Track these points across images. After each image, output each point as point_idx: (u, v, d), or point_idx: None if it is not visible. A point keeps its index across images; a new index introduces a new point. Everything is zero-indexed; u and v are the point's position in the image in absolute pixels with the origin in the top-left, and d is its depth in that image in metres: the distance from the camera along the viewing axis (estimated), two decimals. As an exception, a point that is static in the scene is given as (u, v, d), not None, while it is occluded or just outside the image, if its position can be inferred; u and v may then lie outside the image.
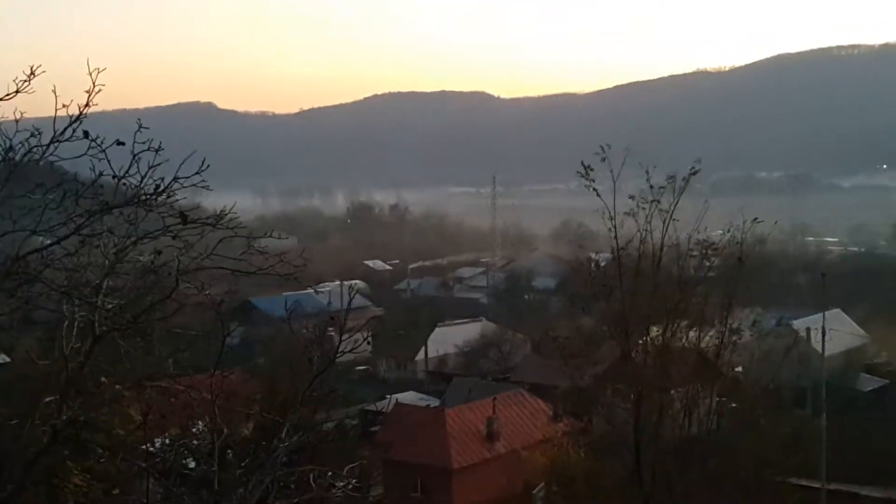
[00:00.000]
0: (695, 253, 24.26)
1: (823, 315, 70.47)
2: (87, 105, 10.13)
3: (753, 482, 25.37)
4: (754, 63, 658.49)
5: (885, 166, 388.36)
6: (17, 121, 10.27)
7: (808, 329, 66.11)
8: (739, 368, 30.35)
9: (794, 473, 40.20)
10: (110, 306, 10.94)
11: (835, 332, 71.50)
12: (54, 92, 10.22)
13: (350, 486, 12.19)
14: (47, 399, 10.95)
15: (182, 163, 10.73)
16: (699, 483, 23.74)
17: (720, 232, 24.99)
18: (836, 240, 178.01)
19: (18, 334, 12.86)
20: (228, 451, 11.94)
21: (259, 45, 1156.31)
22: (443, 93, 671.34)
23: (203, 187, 10.98)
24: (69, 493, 11.29)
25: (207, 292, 11.47)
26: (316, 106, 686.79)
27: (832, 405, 57.59)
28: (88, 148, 10.27)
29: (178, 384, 12.06)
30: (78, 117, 10.18)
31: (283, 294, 61.46)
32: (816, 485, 49.08)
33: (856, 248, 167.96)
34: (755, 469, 25.46)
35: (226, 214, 11.40)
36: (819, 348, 62.59)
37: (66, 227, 10.50)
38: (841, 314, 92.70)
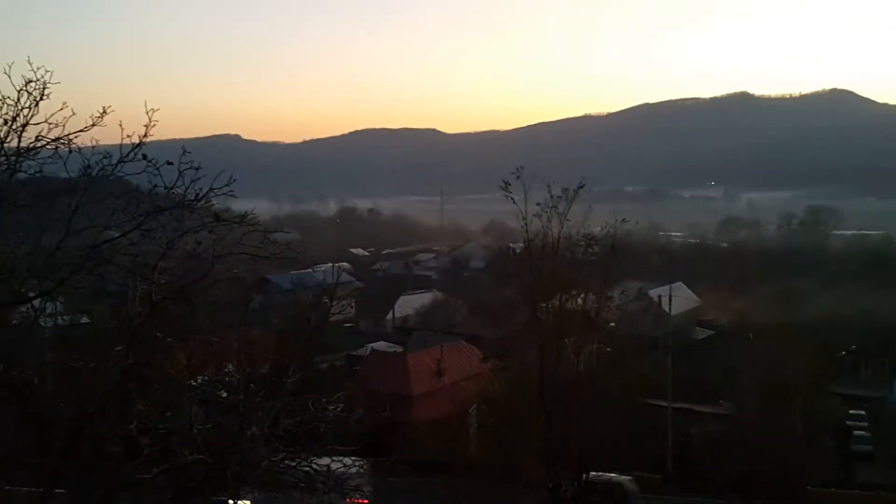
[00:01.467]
0: (582, 243, 24.26)
1: (670, 287, 71.11)
2: (145, 135, 10.10)
3: (623, 403, 25.43)
4: (625, 109, 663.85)
5: (713, 183, 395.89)
6: (93, 147, 10.17)
7: (659, 296, 66.61)
8: (612, 324, 30.47)
9: (650, 396, 40.58)
10: (163, 281, 10.82)
11: (677, 299, 72.20)
12: (121, 125, 10.14)
13: (338, 409, 12.08)
14: (118, 348, 10.78)
15: (215, 178, 10.64)
16: (586, 404, 23.74)
17: (599, 228, 24.98)
18: (680, 234, 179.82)
19: (96, 302, 12.52)
20: (250, 384, 11.72)
21: (273, 89, 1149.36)
22: (405, 129, 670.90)
23: (231, 195, 10.90)
24: (135, 416, 11.04)
25: (235, 271, 11.37)
26: (315, 137, 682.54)
27: (676, 349, 58.15)
28: (146, 167, 10.22)
29: (213, 338, 11.95)
30: (138, 144, 10.13)
31: (291, 272, 60.77)
32: (665, 403, 49.54)
33: (693, 240, 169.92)
34: (624, 393, 25.51)
35: (248, 215, 11.37)
36: (667, 310, 63.11)
37: (130, 224, 10.44)
38: (682, 286, 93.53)
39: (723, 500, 26.45)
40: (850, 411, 62.85)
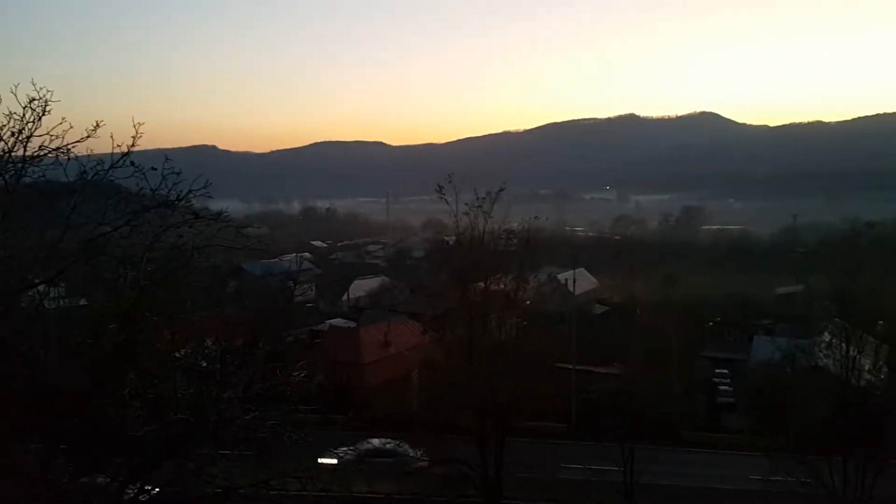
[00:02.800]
0: (502, 236, 24.32)
1: (574, 272, 72.05)
2: (132, 145, 9.84)
3: (537, 366, 25.56)
4: (537, 127, 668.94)
5: (608, 187, 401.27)
6: (88, 155, 9.89)
7: (565, 279, 67.45)
8: (528, 302, 30.66)
9: (558, 360, 40.99)
10: (150, 269, 10.57)
11: (580, 281, 73.21)
12: (112, 137, 9.86)
13: (301, 376, 11.93)
14: (111, 326, 10.48)
15: (194, 181, 10.41)
16: (507, 367, 23.81)
17: (517, 224, 25.08)
18: (582, 229, 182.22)
19: (92, 287, 12.08)
20: (226, 356, 11.47)
21: (245, 105, 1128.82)
22: (357, 141, 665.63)
23: (207, 196, 10.67)
24: (127, 383, 10.73)
25: (212, 261, 11.14)
26: (282, 147, 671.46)
27: (579, 322, 58.86)
28: (134, 172, 10.00)
29: (194, 317, 11.70)
30: (127, 153, 9.89)
31: (261, 261, 59.50)
32: (570, 366, 50.13)
33: (592, 234, 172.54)
34: (537, 358, 25.66)
35: (223, 213, 11.17)
36: (571, 290, 63.93)
37: (121, 221, 10.16)
38: (584, 271, 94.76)
39: (616, 444, 26.83)
40: (717, 370, 64.50)
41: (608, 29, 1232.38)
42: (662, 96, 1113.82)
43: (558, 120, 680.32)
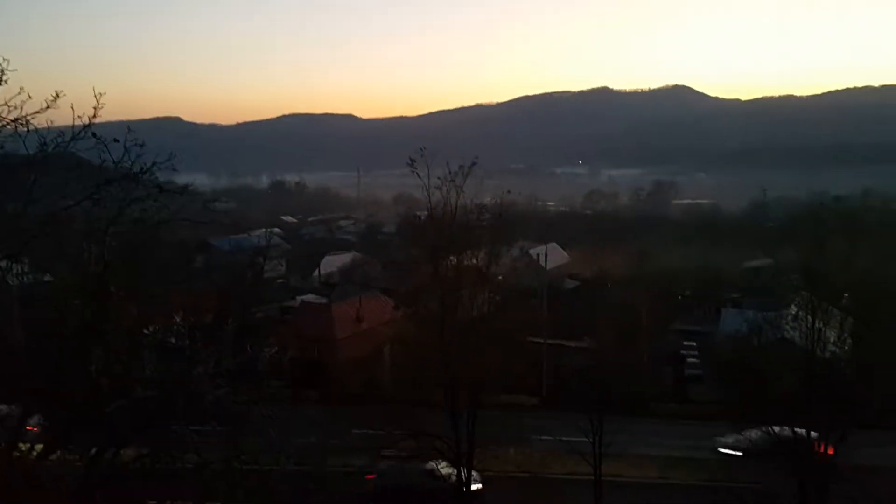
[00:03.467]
0: (474, 211, 24.35)
1: (545, 247, 72.44)
2: (94, 116, 9.65)
3: (508, 340, 25.80)
4: (509, 100, 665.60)
5: (580, 161, 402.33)
6: (48, 126, 9.66)
7: (537, 254, 67.76)
8: (500, 277, 30.82)
9: (530, 334, 41.39)
10: (114, 244, 10.44)
11: (551, 256, 73.75)
12: (72, 108, 9.63)
13: (273, 352, 11.94)
14: (76, 302, 10.36)
15: (157, 154, 10.24)
16: (479, 342, 23.98)
17: (489, 199, 25.14)
18: (554, 203, 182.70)
19: (56, 262, 11.92)
20: (195, 332, 11.42)
21: (211, 75, 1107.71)
22: (326, 114, 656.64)
23: (172, 169, 10.51)
24: (94, 360, 10.63)
25: (178, 236, 11.02)
26: (249, 120, 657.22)
27: (550, 296, 59.34)
28: (95, 144, 9.80)
29: (161, 293, 11.58)
30: (88, 125, 9.66)
31: (229, 237, 58.76)
32: (541, 340, 50.65)
33: (564, 208, 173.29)
34: (509, 333, 25.87)
35: (188, 187, 11.00)
36: (543, 265, 64.29)
37: (83, 194, 9.98)
38: (556, 246, 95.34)
39: (587, 415, 27.28)
40: (685, 343, 65.56)
41: (582, 1, 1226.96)
42: (635, 69, 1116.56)
43: (531, 93, 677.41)
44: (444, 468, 27.15)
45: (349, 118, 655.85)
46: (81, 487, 10.54)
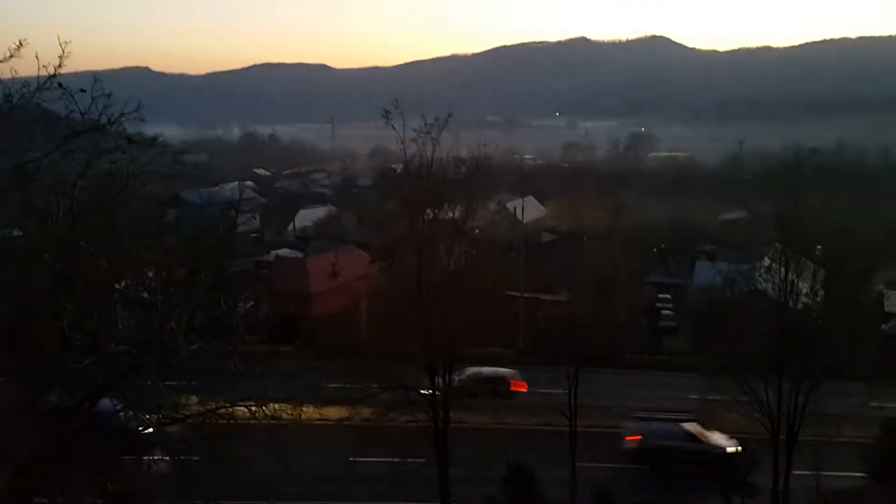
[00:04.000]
0: (451, 164, 24.19)
1: (522, 200, 72.58)
2: (59, 66, 9.36)
3: (485, 294, 25.90)
4: (486, 50, 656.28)
5: (557, 113, 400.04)
6: (12, 77, 9.40)
7: (514, 208, 67.93)
8: (477, 231, 30.86)
9: (507, 288, 41.69)
10: (84, 197, 10.26)
11: (528, 210, 73.92)
12: (37, 57, 9.34)
13: (248, 306, 11.88)
14: (45, 256, 10.20)
15: (125, 104, 10.00)
16: (455, 296, 24.09)
17: (466, 151, 24.98)
18: (531, 156, 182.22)
19: (24, 216, 11.71)
20: (168, 286, 11.32)
21: (180, 24, 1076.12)
22: (299, 63, 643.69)
23: (141, 120, 10.29)
24: (66, 314, 10.53)
25: (148, 188, 10.84)
26: (217, 70, 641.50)
27: (527, 250, 59.67)
28: (62, 95, 9.53)
29: (132, 246, 11.44)
30: (53, 75, 9.40)
31: (201, 189, 57.96)
32: (518, 294, 51.08)
33: (541, 161, 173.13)
34: (486, 286, 25.99)
35: (158, 138, 10.81)
36: (520, 218, 64.50)
37: (50, 146, 9.74)
38: (533, 199, 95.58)
39: (563, 367, 27.71)
40: (660, 295, 66.58)
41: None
42: (614, 19, 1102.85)
43: (508, 43, 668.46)
44: (696, 428, 28.17)
45: (323, 68, 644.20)
46: (56, 443, 10.55)
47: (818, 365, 26.33)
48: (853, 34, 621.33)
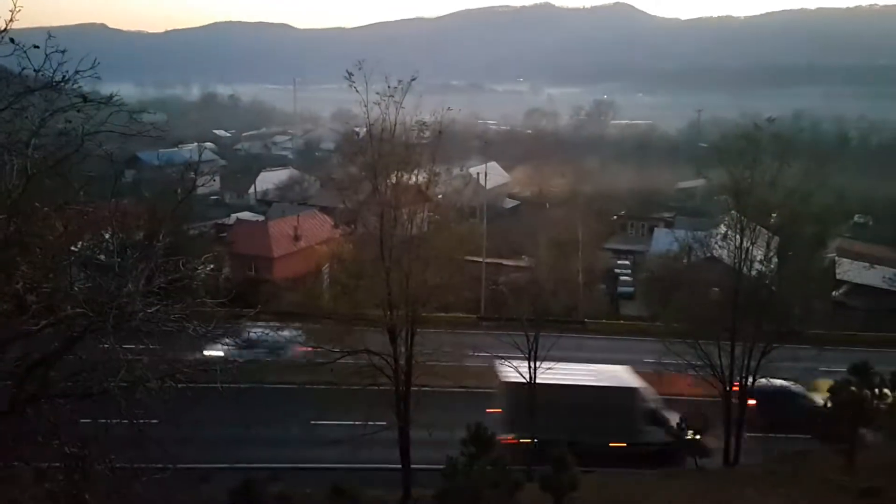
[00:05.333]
0: (414, 128, 23.99)
1: (485, 165, 72.54)
2: (11, 20, 9.00)
3: (447, 259, 25.92)
4: (450, 13, 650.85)
5: (521, 79, 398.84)
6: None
7: (477, 173, 67.89)
8: (440, 196, 30.77)
9: (469, 254, 41.75)
10: (37, 157, 9.94)
11: (491, 175, 73.85)
12: (-17, 10, 8.95)
13: (208, 269, 11.72)
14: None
15: (80, 61, 9.68)
16: (418, 261, 24.02)
17: (429, 115, 24.77)
18: (494, 122, 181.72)
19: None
20: (125, 248, 11.08)
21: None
22: (260, 23, 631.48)
23: (96, 77, 9.95)
24: (20, 278, 10.25)
25: (105, 148, 10.54)
26: (176, 28, 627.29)
27: (490, 216, 59.89)
28: (14, 51, 9.17)
29: (88, 207, 11.15)
30: (4, 29, 9.03)
31: (159, 150, 56.77)
32: (480, 259, 51.33)
33: (504, 127, 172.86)
34: (448, 252, 25.99)
35: (113, 96, 10.47)
36: (483, 184, 64.52)
37: (2, 103, 9.40)
38: (496, 165, 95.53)
39: (522, 332, 28.02)
40: (618, 261, 67.55)
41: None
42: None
43: (472, 6, 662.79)
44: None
45: (284, 27, 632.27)
46: (11, 406, 10.37)
47: (770, 330, 27.09)
48: (812, 5, 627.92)
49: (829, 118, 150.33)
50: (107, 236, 12.58)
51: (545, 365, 26.79)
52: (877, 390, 21.77)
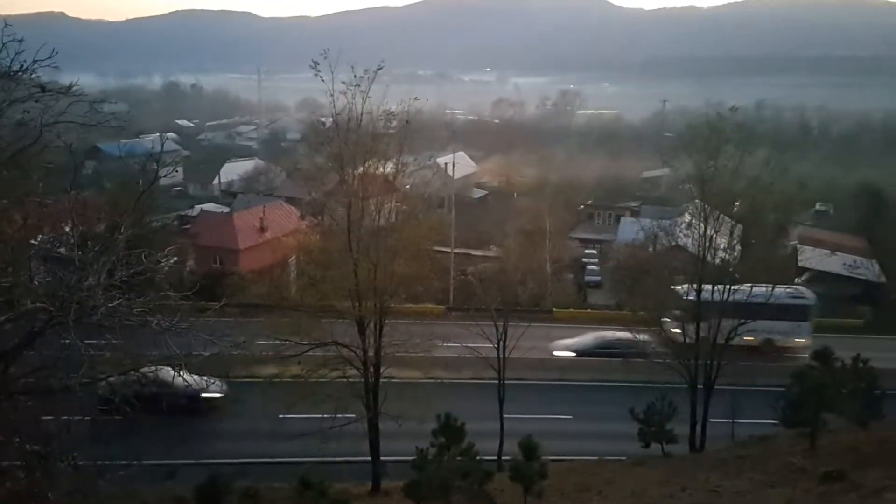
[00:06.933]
0: (381, 118, 23.82)
1: (453, 155, 72.44)
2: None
3: (415, 250, 25.85)
4: (417, 3, 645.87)
5: (488, 69, 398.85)
6: None
7: (445, 163, 67.84)
8: (407, 186, 30.67)
9: (437, 244, 41.80)
10: (-5, 147, 9.68)
11: (459, 165, 73.87)
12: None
13: (171, 262, 11.54)
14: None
15: (38, 50, 9.41)
16: (386, 252, 23.98)
17: (396, 105, 24.63)
18: (461, 111, 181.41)
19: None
20: (86, 241, 10.86)
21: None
22: (223, 11, 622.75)
23: (55, 67, 9.70)
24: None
25: (64, 139, 10.29)
26: (137, 16, 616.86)
27: (458, 206, 59.91)
28: (-31, 40, 8.88)
29: (47, 200, 10.90)
30: (-44, 16, 8.74)
31: (120, 141, 55.94)
32: (448, 250, 51.35)
33: (472, 117, 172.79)
34: (416, 242, 25.93)
35: (73, 86, 10.20)
36: (451, 174, 64.48)
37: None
38: (463, 155, 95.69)
39: (491, 322, 28.14)
40: (586, 251, 68.15)
41: None
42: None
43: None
44: None
45: (248, 16, 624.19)
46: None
47: (734, 317, 27.55)
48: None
49: (790, 108, 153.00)
50: (67, 229, 12.32)
51: None
52: (838, 375, 22.26)
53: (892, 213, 64.31)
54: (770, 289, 28.71)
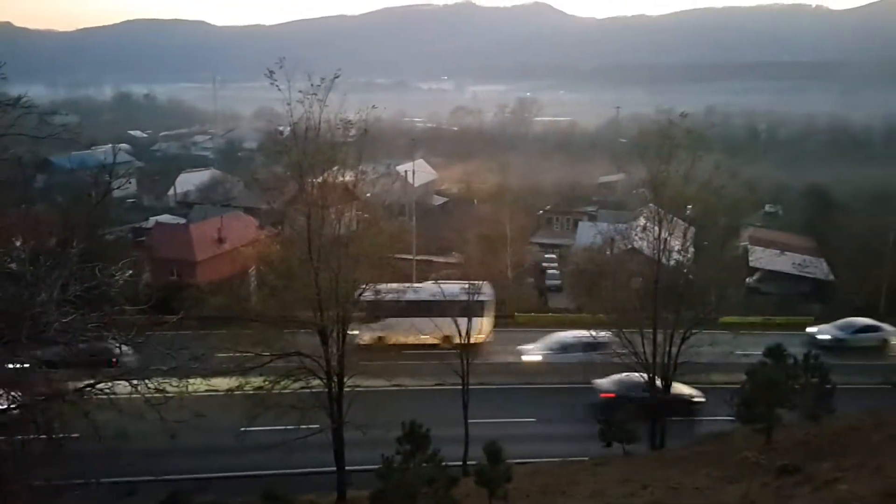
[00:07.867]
0: (339, 126, 23.66)
1: (413, 163, 72.42)
2: None
3: (377, 258, 25.73)
4: (373, 11, 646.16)
5: (445, 77, 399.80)
6: None
7: (404, 171, 67.80)
8: (367, 194, 30.55)
9: (399, 252, 41.63)
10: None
11: (419, 173, 73.85)
12: None
13: (126, 275, 11.26)
14: None
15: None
16: (347, 260, 23.72)
17: (354, 114, 24.50)
18: (420, 119, 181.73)
19: None
20: (38, 256, 10.55)
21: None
22: (176, 20, 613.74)
23: (3, 78, 9.41)
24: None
25: (13, 152, 9.98)
26: (87, 26, 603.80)
27: (419, 213, 59.83)
28: None
29: (-5, 215, 10.57)
30: None
31: (72, 153, 54.49)
32: (410, 257, 51.23)
33: (431, 124, 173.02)
34: (377, 250, 25.79)
35: (21, 98, 9.91)
36: (411, 182, 64.42)
37: None
38: (423, 162, 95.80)
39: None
40: (546, 255, 68.65)
41: None
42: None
43: (395, 4, 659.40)
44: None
45: (201, 24, 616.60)
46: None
47: (689, 317, 28.00)
48: (719, 4, 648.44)
49: (739, 113, 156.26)
50: (17, 244, 11.96)
51: None
52: (790, 371, 22.74)
53: (839, 213, 66.06)
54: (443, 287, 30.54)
